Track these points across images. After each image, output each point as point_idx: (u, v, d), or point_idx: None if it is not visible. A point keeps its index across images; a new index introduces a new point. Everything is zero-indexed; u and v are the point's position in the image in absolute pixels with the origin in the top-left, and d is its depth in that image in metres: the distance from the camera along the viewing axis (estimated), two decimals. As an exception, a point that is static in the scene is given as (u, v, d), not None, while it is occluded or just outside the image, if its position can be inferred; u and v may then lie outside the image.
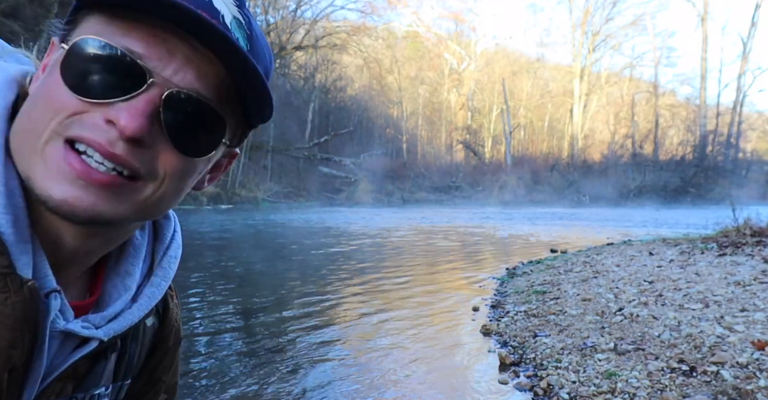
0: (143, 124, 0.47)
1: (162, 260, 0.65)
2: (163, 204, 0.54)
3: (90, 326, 0.55)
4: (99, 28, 0.48)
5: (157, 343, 0.71)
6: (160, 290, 0.63)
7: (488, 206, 39.51)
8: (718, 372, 3.10)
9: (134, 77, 0.48)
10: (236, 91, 0.53)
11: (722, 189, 41.63)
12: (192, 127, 0.51)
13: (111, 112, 0.47)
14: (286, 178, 39.20)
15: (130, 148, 0.48)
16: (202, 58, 0.49)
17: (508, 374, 3.61)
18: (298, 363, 3.87)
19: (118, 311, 0.58)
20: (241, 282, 7.08)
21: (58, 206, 0.48)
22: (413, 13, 61.50)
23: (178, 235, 0.69)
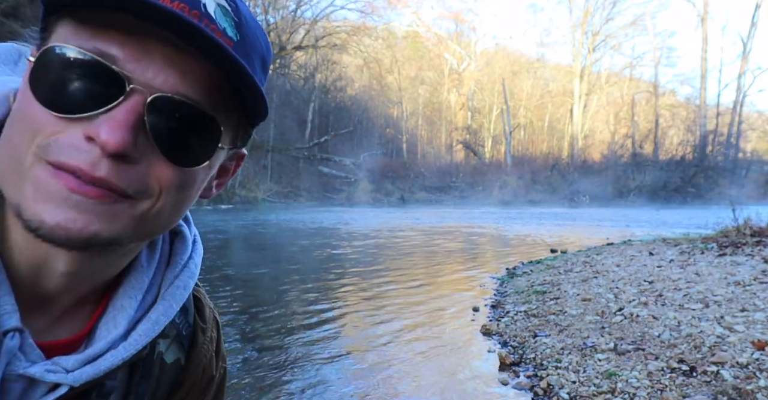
0: (125, 137, 0.42)
1: (166, 292, 0.57)
2: (162, 220, 0.49)
3: (59, 369, 0.48)
4: (69, 34, 0.43)
5: (182, 380, 0.64)
6: (157, 327, 0.55)
7: (488, 206, 39.51)
8: (718, 372, 3.10)
9: (112, 85, 0.42)
10: (231, 89, 0.47)
11: (722, 189, 41.61)
12: (183, 134, 0.46)
13: (90, 128, 0.42)
14: (286, 178, 39.20)
15: (115, 167, 0.42)
16: (186, 56, 0.44)
17: (508, 374, 3.61)
18: (298, 363, 3.87)
19: (98, 352, 0.51)
20: (241, 282, 7.07)
21: (52, 231, 0.42)
22: (413, 13, 61.53)
23: (193, 262, 0.61)
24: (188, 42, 0.43)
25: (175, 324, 0.63)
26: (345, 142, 46.37)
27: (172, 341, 0.62)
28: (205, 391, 0.69)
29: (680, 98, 56.76)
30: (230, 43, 0.46)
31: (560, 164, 51.66)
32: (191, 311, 0.66)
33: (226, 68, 0.45)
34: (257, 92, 0.48)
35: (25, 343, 0.47)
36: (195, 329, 0.66)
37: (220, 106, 0.47)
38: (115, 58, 0.42)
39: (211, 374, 0.68)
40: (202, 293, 0.70)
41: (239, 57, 0.45)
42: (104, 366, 0.50)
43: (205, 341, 0.67)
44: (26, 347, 0.47)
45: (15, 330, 0.46)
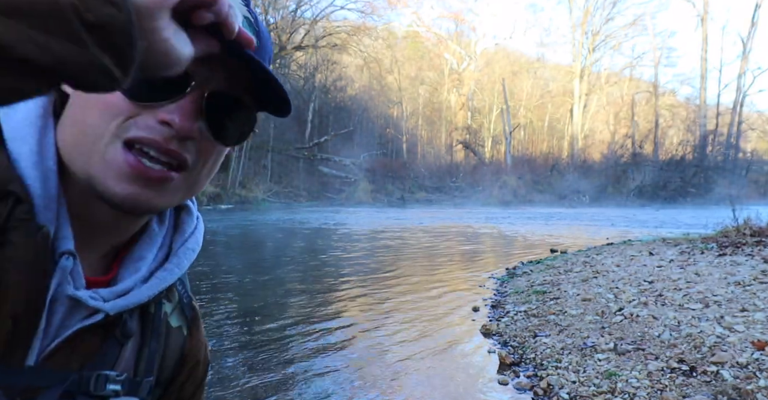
0: (194, 124, 0.55)
1: (179, 250, 0.67)
2: (198, 187, 0.62)
3: (98, 297, 0.57)
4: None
5: (187, 354, 0.72)
6: (172, 275, 0.65)
7: (488, 206, 39.50)
8: (718, 372, 3.10)
9: (179, 81, 0.53)
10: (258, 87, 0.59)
11: (722, 189, 41.55)
12: (229, 120, 0.59)
13: (163, 114, 0.53)
14: (286, 178, 39.19)
15: (181, 143, 0.55)
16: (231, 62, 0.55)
17: (508, 374, 3.61)
18: (298, 363, 3.87)
19: (127, 288, 0.60)
20: (241, 282, 7.07)
21: (122, 202, 0.54)
22: (413, 13, 61.47)
23: (198, 232, 0.72)
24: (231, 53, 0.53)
25: (178, 291, 0.71)
26: (345, 142, 46.32)
27: (175, 306, 0.71)
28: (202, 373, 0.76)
29: (680, 98, 56.81)
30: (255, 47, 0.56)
31: (560, 164, 51.65)
32: (188, 285, 0.74)
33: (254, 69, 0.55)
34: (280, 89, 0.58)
35: (75, 269, 0.55)
36: (193, 307, 0.74)
37: (254, 100, 0.60)
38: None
39: (207, 357, 0.77)
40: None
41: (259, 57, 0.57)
42: (133, 300, 0.60)
43: (201, 324, 0.76)
44: (75, 273, 0.56)
45: (70, 254, 0.54)
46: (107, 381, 0.57)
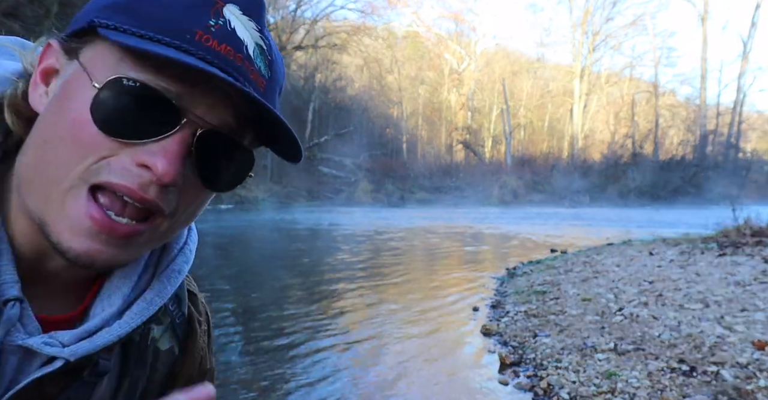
0: (179, 169, 0.46)
1: (162, 274, 0.59)
2: (171, 233, 0.53)
3: (55, 343, 0.49)
4: (124, 59, 0.46)
5: (177, 372, 0.66)
6: (152, 307, 0.57)
7: (488, 206, 39.51)
8: (718, 372, 3.10)
9: (168, 117, 0.46)
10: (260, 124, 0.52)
11: (722, 189, 41.54)
12: (223, 163, 0.51)
13: (143, 155, 0.45)
14: (286, 178, 39.18)
15: (161, 191, 0.47)
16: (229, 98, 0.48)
17: (508, 374, 3.61)
18: (298, 364, 3.87)
19: (93, 328, 0.52)
20: (240, 282, 7.07)
21: (77, 259, 0.47)
22: (413, 13, 61.42)
23: (189, 248, 0.63)
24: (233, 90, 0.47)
25: (169, 312, 0.63)
26: (345, 142, 46.30)
27: (165, 328, 0.63)
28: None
29: (680, 98, 56.76)
30: (263, 81, 0.51)
31: (560, 164, 51.64)
32: (185, 302, 0.67)
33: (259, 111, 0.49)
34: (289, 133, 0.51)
35: (25, 314, 0.49)
36: (191, 320, 0.67)
37: (253, 139, 0.53)
38: (175, 94, 0.46)
39: (206, 367, 0.69)
40: (195, 287, 0.71)
41: (267, 93, 0.52)
42: (100, 342, 0.51)
43: (201, 333, 0.68)
44: (25, 318, 0.49)
45: (15, 300, 0.47)
46: None
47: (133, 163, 0.46)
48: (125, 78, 0.45)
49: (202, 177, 0.50)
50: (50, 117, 0.48)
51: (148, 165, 0.45)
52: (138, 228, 0.48)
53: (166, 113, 0.46)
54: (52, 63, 0.51)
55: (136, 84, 0.45)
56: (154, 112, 0.46)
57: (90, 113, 0.45)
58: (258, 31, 0.51)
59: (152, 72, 0.46)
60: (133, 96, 0.45)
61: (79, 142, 0.45)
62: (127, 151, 0.46)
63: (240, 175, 0.54)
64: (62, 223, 0.46)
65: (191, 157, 0.48)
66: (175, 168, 0.46)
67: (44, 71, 0.51)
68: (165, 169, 0.45)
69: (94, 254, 0.46)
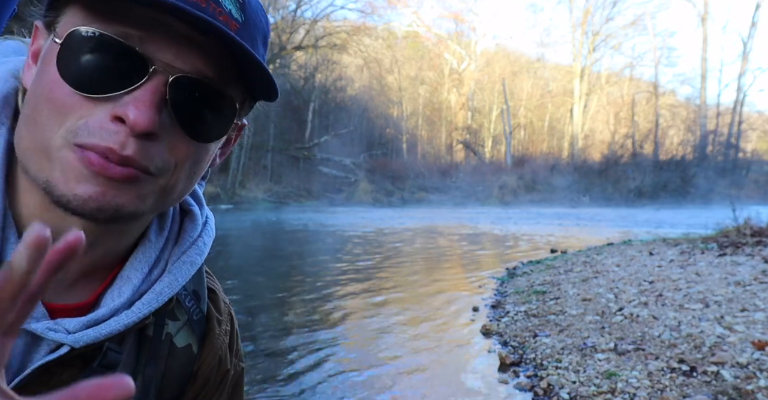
0: (152, 117, 0.45)
1: (173, 266, 0.58)
2: (177, 192, 0.53)
3: (60, 329, 0.49)
4: (85, 18, 0.45)
5: (196, 371, 0.64)
6: (161, 297, 0.56)
7: (488, 206, 39.51)
8: (718, 372, 3.10)
9: (136, 66, 0.45)
10: (239, 68, 0.50)
11: (722, 189, 41.59)
12: (202, 111, 0.49)
13: (116, 108, 0.45)
14: (286, 178, 39.17)
15: (141, 145, 0.45)
16: (200, 39, 0.46)
17: (508, 374, 3.61)
18: (298, 362, 3.87)
19: (101, 317, 0.52)
20: (240, 282, 7.07)
21: (84, 205, 0.46)
22: (413, 13, 61.40)
23: (202, 241, 0.62)
24: (200, 30, 0.45)
25: (186, 308, 0.63)
26: (345, 142, 46.33)
27: (182, 325, 0.62)
28: (220, 386, 0.67)
29: (680, 98, 56.73)
30: (236, 25, 0.49)
31: (560, 164, 51.65)
32: (204, 299, 0.66)
33: (233, 50, 0.47)
34: (264, 72, 0.50)
35: None
36: (209, 318, 0.66)
37: (233, 84, 0.51)
38: (138, 40, 0.45)
39: (225, 369, 0.68)
40: (218, 287, 0.70)
41: (244, 39, 0.49)
42: (105, 330, 0.51)
43: (221, 332, 0.67)
44: None
45: None
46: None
47: (109, 119, 0.45)
48: (84, 29, 0.44)
49: (183, 126, 0.48)
50: (33, 87, 0.48)
51: (121, 116, 0.44)
52: (134, 172, 0.46)
53: (132, 62, 0.45)
54: (39, 43, 0.51)
55: (95, 33, 0.44)
56: (120, 63, 0.45)
57: (57, 70, 0.45)
58: None
59: (113, 21, 0.44)
60: (95, 47, 0.44)
61: (56, 103, 0.45)
62: (103, 107, 0.45)
63: (224, 123, 0.52)
64: (62, 176, 0.45)
65: (167, 106, 0.47)
66: (148, 116, 0.44)
67: (34, 52, 0.51)
68: (136, 117, 0.44)
69: (98, 196, 0.45)
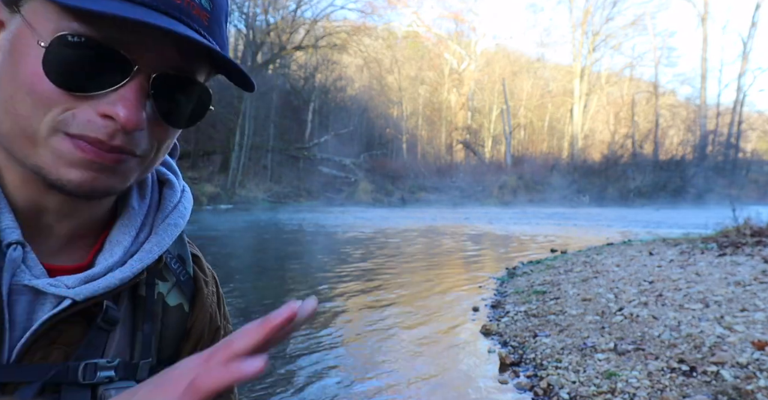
0: (139, 115, 0.49)
1: (159, 228, 0.64)
2: (153, 165, 0.58)
3: (60, 285, 0.53)
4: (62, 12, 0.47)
5: (190, 328, 0.70)
6: (151, 255, 0.61)
7: (488, 206, 39.51)
8: (718, 372, 3.10)
9: (119, 67, 0.48)
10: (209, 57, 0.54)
11: (722, 189, 41.57)
12: (182, 102, 0.54)
13: (104, 106, 0.48)
14: (286, 178, 39.16)
15: (128, 136, 0.50)
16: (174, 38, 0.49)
17: (508, 374, 3.61)
18: (297, 363, 3.87)
19: (96, 274, 0.56)
20: (239, 282, 7.07)
21: (78, 189, 0.50)
22: (413, 13, 61.38)
23: (182, 205, 0.68)
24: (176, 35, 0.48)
25: (173, 270, 0.67)
26: (345, 142, 46.32)
27: (172, 286, 0.67)
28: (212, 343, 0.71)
29: (680, 98, 56.70)
30: (206, 15, 0.53)
31: (560, 164, 51.64)
32: (189, 262, 0.71)
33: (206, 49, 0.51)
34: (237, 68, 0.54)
35: (28, 257, 0.53)
36: (196, 279, 0.71)
37: (205, 73, 0.56)
38: (119, 42, 0.48)
39: (216, 326, 0.73)
40: (200, 254, 0.75)
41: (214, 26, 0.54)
42: (103, 284, 0.56)
43: (209, 292, 0.72)
44: (29, 261, 0.53)
45: (17, 243, 0.51)
46: (97, 369, 0.56)
47: (96, 114, 0.48)
48: (69, 34, 0.47)
49: (164, 117, 0.53)
50: (7, 73, 0.49)
51: (110, 115, 0.48)
52: (122, 157, 0.51)
53: (116, 63, 0.48)
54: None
55: (81, 39, 0.47)
56: (105, 64, 0.48)
57: (43, 70, 0.47)
58: None
59: (94, 24, 0.47)
60: (80, 51, 0.47)
61: (39, 97, 0.48)
62: (88, 102, 0.48)
63: (200, 110, 0.57)
64: (55, 161, 0.49)
65: (149, 99, 0.51)
66: (136, 114, 0.48)
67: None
68: (127, 117, 0.48)
69: (92, 181, 0.50)
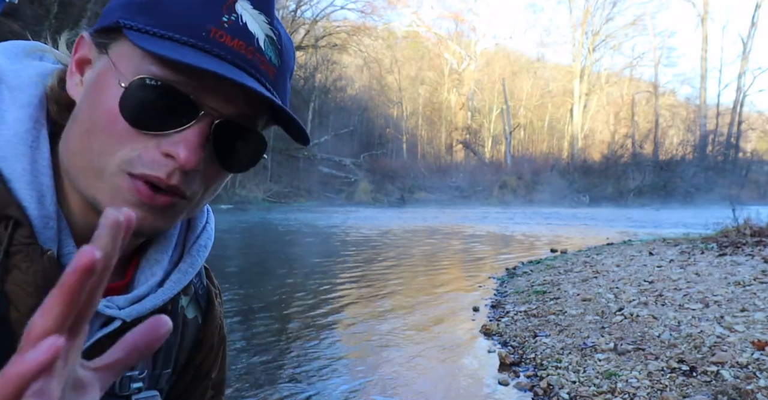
0: (199, 156, 0.52)
1: (192, 249, 0.68)
2: (201, 206, 0.62)
3: (113, 306, 0.58)
4: (144, 57, 0.52)
5: (201, 339, 0.74)
6: (186, 276, 0.66)
7: (488, 206, 39.50)
8: (718, 372, 3.10)
9: (187, 110, 0.52)
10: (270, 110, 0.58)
11: (722, 189, 41.57)
12: (239, 148, 0.57)
13: (168, 146, 0.52)
14: (286, 178, 39.17)
15: (184, 176, 0.53)
16: (242, 90, 0.53)
17: (508, 374, 3.61)
18: (298, 363, 3.87)
19: (142, 294, 0.61)
20: (239, 282, 7.07)
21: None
22: (413, 13, 61.39)
23: (209, 226, 0.72)
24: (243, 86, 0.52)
25: (193, 283, 0.72)
26: (345, 142, 46.33)
27: (190, 299, 0.71)
28: (218, 352, 0.78)
29: (680, 98, 56.77)
30: (273, 70, 0.56)
31: (560, 164, 51.65)
32: (204, 275, 0.76)
33: (269, 101, 0.54)
34: (296, 123, 0.57)
35: None
36: (209, 292, 0.76)
37: (263, 122, 0.59)
38: (191, 88, 0.52)
39: (223, 335, 0.79)
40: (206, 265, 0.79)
41: (278, 80, 0.58)
42: (148, 305, 0.60)
43: (218, 304, 0.77)
44: None
45: None
46: (130, 381, 0.60)
47: (159, 153, 0.52)
48: (148, 77, 0.51)
49: (220, 161, 0.56)
50: (86, 108, 0.54)
51: (172, 154, 0.51)
52: (174, 200, 0.54)
53: (185, 107, 0.52)
54: (85, 53, 0.57)
55: (158, 83, 0.51)
56: (174, 106, 0.52)
57: (119, 109, 0.52)
58: (268, 23, 0.55)
59: (171, 69, 0.51)
60: (155, 93, 0.51)
61: (113, 134, 0.52)
62: (154, 141, 0.52)
63: (255, 157, 0.60)
64: (111, 197, 0.53)
65: (209, 143, 0.54)
66: (195, 156, 0.52)
67: (79, 61, 0.57)
68: (186, 158, 0.51)
69: (141, 221, 0.52)
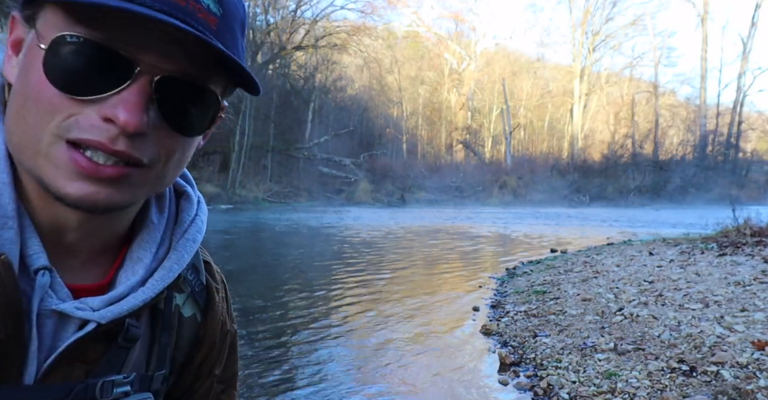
0: (141, 118, 0.47)
1: (178, 244, 0.63)
2: (167, 179, 0.56)
3: (86, 307, 0.53)
4: (69, 16, 0.46)
5: (202, 337, 0.70)
6: (171, 274, 0.61)
7: (488, 206, 39.50)
8: (718, 372, 3.10)
9: (121, 68, 0.47)
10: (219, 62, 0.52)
11: (722, 189, 41.57)
12: (187, 108, 0.51)
13: (106, 109, 0.47)
14: (286, 178, 39.16)
15: (131, 141, 0.48)
16: (181, 39, 0.47)
17: (508, 374, 3.61)
18: (297, 362, 3.87)
19: (120, 295, 0.56)
20: (239, 282, 7.07)
21: (78, 202, 0.49)
22: (413, 13, 61.36)
23: (200, 218, 0.68)
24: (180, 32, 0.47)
25: (188, 281, 0.68)
26: (345, 142, 46.32)
27: (187, 296, 0.68)
28: (221, 349, 0.74)
29: (680, 98, 56.73)
30: (214, 19, 0.50)
31: (560, 164, 51.63)
32: (202, 271, 0.71)
33: (213, 50, 0.49)
34: (243, 69, 0.51)
35: (55, 281, 0.52)
36: (208, 288, 0.72)
37: (214, 76, 0.53)
38: (121, 43, 0.47)
39: (226, 332, 0.75)
40: (210, 258, 0.76)
41: (224, 31, 0.51)
42: (126, 306, 0.55)
43: (219, 300, 0.73)
44: (56, 285, 0.53)
45: (44, 269, 0.51)
46: (113, 386, 0.56)
47: (99, 118, 0.47)
48: (68, 35, 0.46)
49: (170, 123, 0.51)
50: (18, 85, 0.50)
51: (111, 118, 0.46)
52: (124, 171, 0.49)
53: (117, 65, 0.47)
54: (18, 34, 0.52)
55: (79, 39, 0.46)
56: (105, 66, 0.46)
57: (44, 74, 0.47)
58: None
59: (95, 25, 0.46)
60: (80, 52, 0.46)
61: (43, 102, 0.47)
62: (92, 107, 0.47)
63: (209, 118, 0.54)
64: (54, 173, 0.48)
65: (154, 104, 0.49)
66: (136, 117, 0.47)
67: (13, 43, 0.53)
68: (126, 119, 0.46)
69: (92, 195, 0.49)
